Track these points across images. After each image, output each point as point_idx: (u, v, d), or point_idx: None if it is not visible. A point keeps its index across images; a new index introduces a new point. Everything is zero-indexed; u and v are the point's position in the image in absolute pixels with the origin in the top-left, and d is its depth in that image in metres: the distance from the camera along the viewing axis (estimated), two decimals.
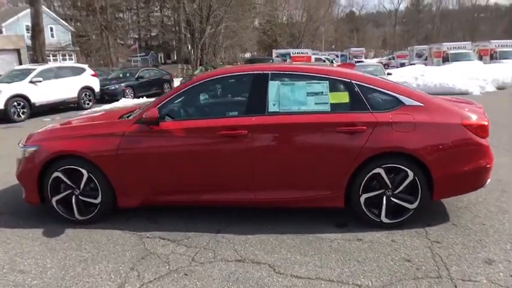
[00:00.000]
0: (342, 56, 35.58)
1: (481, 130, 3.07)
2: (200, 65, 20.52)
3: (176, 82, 18.16)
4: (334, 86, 3.22)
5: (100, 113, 4.70)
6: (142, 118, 3.21)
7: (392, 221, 3.15)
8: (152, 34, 46.70)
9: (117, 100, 13.75)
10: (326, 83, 3.22)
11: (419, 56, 27.27)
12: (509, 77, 13.58)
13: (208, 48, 22.14)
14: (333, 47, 43.82)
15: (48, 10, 31.42)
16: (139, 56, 42.82)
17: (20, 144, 3.69)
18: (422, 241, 2.95)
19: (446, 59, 19.24)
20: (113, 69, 22.92)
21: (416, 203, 3.11)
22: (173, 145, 3.21)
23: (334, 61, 27.93)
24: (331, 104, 3.16)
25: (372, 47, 52.22)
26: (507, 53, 16.65)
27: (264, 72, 3.28)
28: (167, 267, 2.71)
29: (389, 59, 40.14)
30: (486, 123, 3.09)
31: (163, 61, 47.23)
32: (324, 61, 25.09)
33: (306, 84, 3.22)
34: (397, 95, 3.17)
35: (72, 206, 3.41)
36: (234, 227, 3.30)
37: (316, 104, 3.18)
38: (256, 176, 3.17)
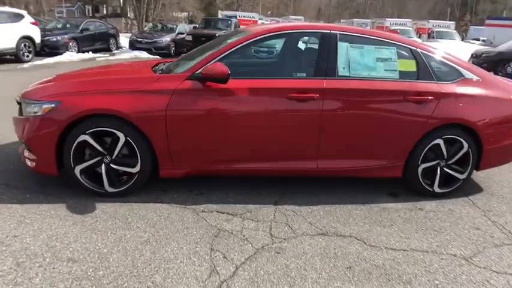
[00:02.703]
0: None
1: None
2: (146, 21, 18.57)
3: (123, 38, 16.28)
4: (401, 53, 3.09)
5: (114, 65, 3.91)
6: (201, 74, 2.72)
7: (443, 191, 3.25)
8: None
9: (60, 53, 11.79)
10: (394, 49, 3.07)
11: None
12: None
13: (156, 3, 19.98)
14: (269, 13, 43.21)
15: None
16: (65, 7, 37.17)
17: (23, 99, 2.90)
18: (475, 210, 3.11)
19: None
20: (46, 19, 19.55)
21: (466, 174, 3.24)
22: (234, 107, 2.80)
23: None
24: (399, 71, 3.05)
25: (307, 16, 52.88)
26: (443, 33, 18.19)
27: (332, 32, 2.99)
28: (250, 245, 2.43)
29: None
30: None
31: (90, 14, 41.85)
32: None
33: (375, 49, 3.04)
34: (458, 67, 3.17)
35: (101, 176, 2.83)
36: (288, 197, 3.10)
37: (385, 70, 3.03)
38: (322, 143, 2.97)
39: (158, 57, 13.69)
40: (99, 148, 2.78)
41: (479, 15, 51.90)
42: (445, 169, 3.20)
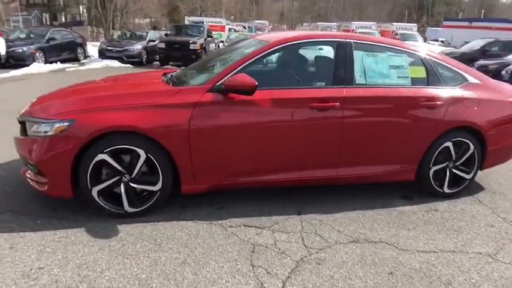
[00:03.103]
0: (248, 28, 35.59)
1: None
2: (112, 28, 17.90)
3: (91, 47, 15.57)
4: (411, 60, 3.20)
5: (118, 77, 3.74)
6: (223, 85, 2.66)
7: (452, 191, 3.40)
8: None
9: (27, 65, 11.04)
10: (405, 57, 3.18)
11: None
12: None
13: (123, 10, 19.26)
14: (232, 17, 43.24)
15: None
16: (22, 15, 34.93)
17: (27, 117, 2.70)
18: (483, 208, 3.27)
19: None
20: (6, 29, 18.33)
21: (472, 173, 3.41)
22: (258, 118, 2.77)
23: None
24: (411, 78, 3.15)
25: (270, 20, 53.50)
26: (406, 35, 19.04)
27: (347, 40, 3.05)
28: (289, 258, 2.40)
29: None
30: None
31: (48, 22, 39.69)
32: (238, 31, 24.78)
33: (388, 57, 3.13)
34: (461, 72, 3.34)
35: (119, 196, 2.69)
36: (309, 207, 3.10)
37: (398, 77, 3.13)
38: (343, 151, 3.01)
39: (130, 65, 13.32)
40: (119, 167, 2.64)
41: (435, 17, 55.10)
42: (453, 170, 3.35)
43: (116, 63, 12.93)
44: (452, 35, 34.50)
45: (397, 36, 19.02)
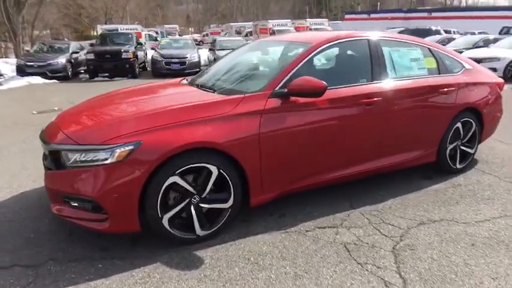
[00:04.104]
0: (160, 33, 34.46)
1: (501, 87, 4.06)
2: (23, 42, 15.63)
3: (1, 64, 13.41)
4: (423, 52, 3.51)
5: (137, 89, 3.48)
6: (287, 90, 2.60)
7: (462, 166, 3.81)
8: None
9: None
10: (419, 49, 3.47)
11: (238, 32, 29.60)
12: None
13: (34, 22, 16.78)
14: (136, 23, 41.25)
15: None
16: None
17: (64, 145, 2.30)
18: (491, 177, 3.71)
19: (273, 34, 21.62)
20: None
21: (475, 148, 3.87)
22: (323, 118, 2.78)
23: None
24: (427, 68, 3.45)
25: (177, 24, 52.41)
26: (320, 30, 20.52)
27: (375, 38, 3.21)
28: (383, 250, 2.45)
29: (204, 35, 41.76)
30: (503, 81, 4.10)
31: None
32: (156, 39, 23.81)
33: (407, 51, 3.38)
34: (460, 60, 3.77)
35: (189, 220, 2.45)
36: (356, 200, 3.18)
37: (418, 69, 3.40)
38: (384, 142, 3.17)
39: (56, 81, 11.95)
40: (190, 188, 2.40)
41: (332, 11, 59.94)
42: (461, 147, 3.76)
43: (38, 80, 11.43)
44: (354, 27, 38.10)
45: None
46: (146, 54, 15.43)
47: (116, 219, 2.28)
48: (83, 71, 13.77)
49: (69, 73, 12.46)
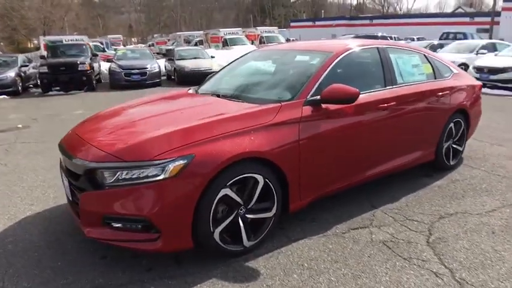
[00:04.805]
0: (105, 43, 33.06)
1: (480, 89, 4.49)
2: None
3: None
4: (421, 59, 3.80)
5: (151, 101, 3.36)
6: (320, 97, 2.69)
7: (454, 163, 4.15)
8: None
9: None
10: (417, 56, 3.75)
11: (187, 41, 29.13)
12: None
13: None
14: (75, 33, 38.99)
15: None
16: None
17: (107, 164, 2.18)
18: (480, 171, 4.07)
19: (225, 43, 21.58)
20: None
21: (463, 146, 4.24)
22: (352, 123, 2.92)
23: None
24: (426, 74, 3.74)
25: (119, 34, 50.36)
26: (270, 37, 20.90)
27: (383, 46, 3.43)
28: (420, 245, 2.61)
29: (150, 45, 40.80)
30: (481, 84, 4.55)
31: None
32: (104, 49, 22.82)
33: (409, 58, 3.64)
34: (448, 65, 4.12)
35: (235, 232, 2.43)
36: (374, 200, 3.35)
37: (419, 74, 3.68)
38: (397, 144, 3.38)
39: (6, 96, 11.01)
40: (238, 200, 2.39)
41: (276, 19, 61.51)
42: (453, 146, 4.10)
43: None
44: (300, 34, 39.37)
45: (263, 39, 20.81)
46: (100, 65, 14.78)
47: (169, 237, 2.19)
48: (32, 85, 12.85)
49: (19, 88, 11.53)
